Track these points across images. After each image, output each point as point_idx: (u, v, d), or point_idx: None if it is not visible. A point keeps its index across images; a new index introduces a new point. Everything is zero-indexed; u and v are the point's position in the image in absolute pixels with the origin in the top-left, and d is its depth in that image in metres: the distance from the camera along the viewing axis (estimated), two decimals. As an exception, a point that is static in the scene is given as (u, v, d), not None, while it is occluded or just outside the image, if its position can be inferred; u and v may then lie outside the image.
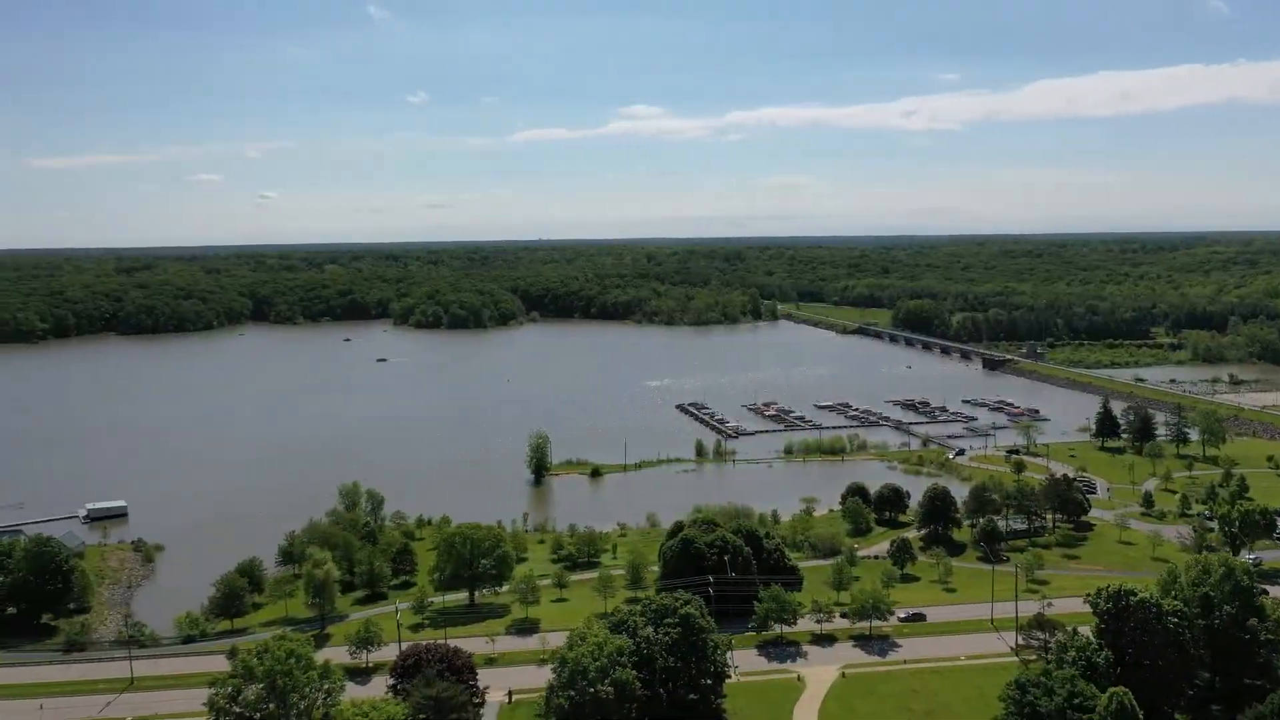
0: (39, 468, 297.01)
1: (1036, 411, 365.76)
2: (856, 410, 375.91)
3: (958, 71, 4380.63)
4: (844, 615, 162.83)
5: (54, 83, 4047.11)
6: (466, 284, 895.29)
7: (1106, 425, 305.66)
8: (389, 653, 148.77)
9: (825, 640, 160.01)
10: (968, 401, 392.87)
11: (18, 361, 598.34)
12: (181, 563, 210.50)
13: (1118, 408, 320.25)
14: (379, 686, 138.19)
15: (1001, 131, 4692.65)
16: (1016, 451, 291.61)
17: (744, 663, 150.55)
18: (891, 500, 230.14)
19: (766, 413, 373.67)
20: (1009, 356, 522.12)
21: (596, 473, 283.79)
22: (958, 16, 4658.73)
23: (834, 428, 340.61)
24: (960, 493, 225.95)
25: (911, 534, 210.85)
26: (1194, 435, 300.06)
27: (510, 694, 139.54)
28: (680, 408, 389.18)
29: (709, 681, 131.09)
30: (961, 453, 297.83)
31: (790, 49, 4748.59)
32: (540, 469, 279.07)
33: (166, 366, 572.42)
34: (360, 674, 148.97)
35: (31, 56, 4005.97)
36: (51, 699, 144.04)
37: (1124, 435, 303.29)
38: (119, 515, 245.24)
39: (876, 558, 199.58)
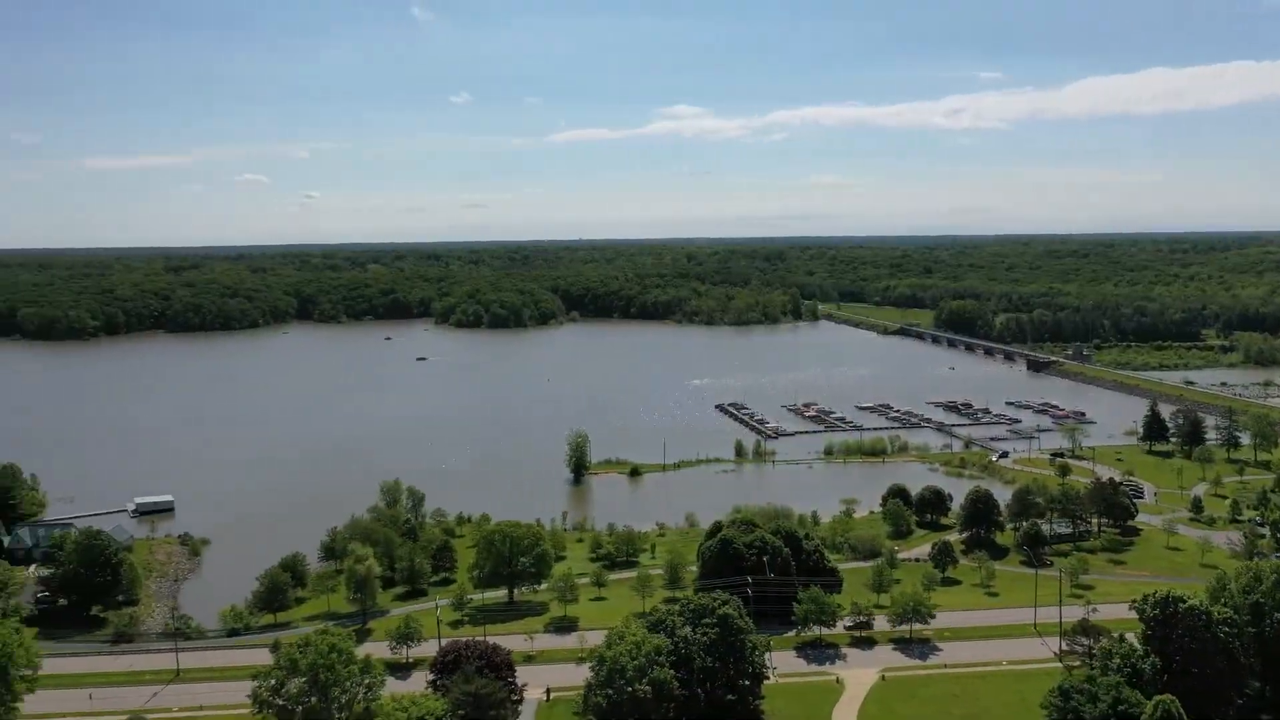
0: (89, 462, 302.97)
1: (1082, 414, 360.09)
2: (898, 411, 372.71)
3: (1001, 70, 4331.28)
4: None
5: (109, 86, 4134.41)
6: (507, 283, 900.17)
7: (1155, 428, 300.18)
8: (429, 649, 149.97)
9: (865, 643, 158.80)
10: (1011, 403, 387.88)
11: (70, 358, 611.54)
12: (226, 557, 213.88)
13: (1166, 411, 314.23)
14: (419, 682, 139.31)
15: (1047, 130, 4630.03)
16: (1061, 454, 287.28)
17: (782, 664, 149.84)
18: (933, 502, 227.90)
19: (807, 413, 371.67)
20: (1054, 358, 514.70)
21: (635, 472, 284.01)
22: (1001, 14, 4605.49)
23: (875, 429, 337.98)
24: (1003, 496, 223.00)
25: (953, 537, 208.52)
26: (1245, 439, 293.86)
27: (548, 692, 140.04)
28: (720, 408, 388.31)
29: (747, 682, 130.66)
30: (1005, 455, 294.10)
31: (832, 48, 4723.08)
32: (579, 468, 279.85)
33: (213, 364, 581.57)
34: (400, 669, 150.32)
35: (88, 61, 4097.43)
36: (100, 689, 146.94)
37: (1173, 439, 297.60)
38: (166, 510, 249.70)
39: (917, 560, 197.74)
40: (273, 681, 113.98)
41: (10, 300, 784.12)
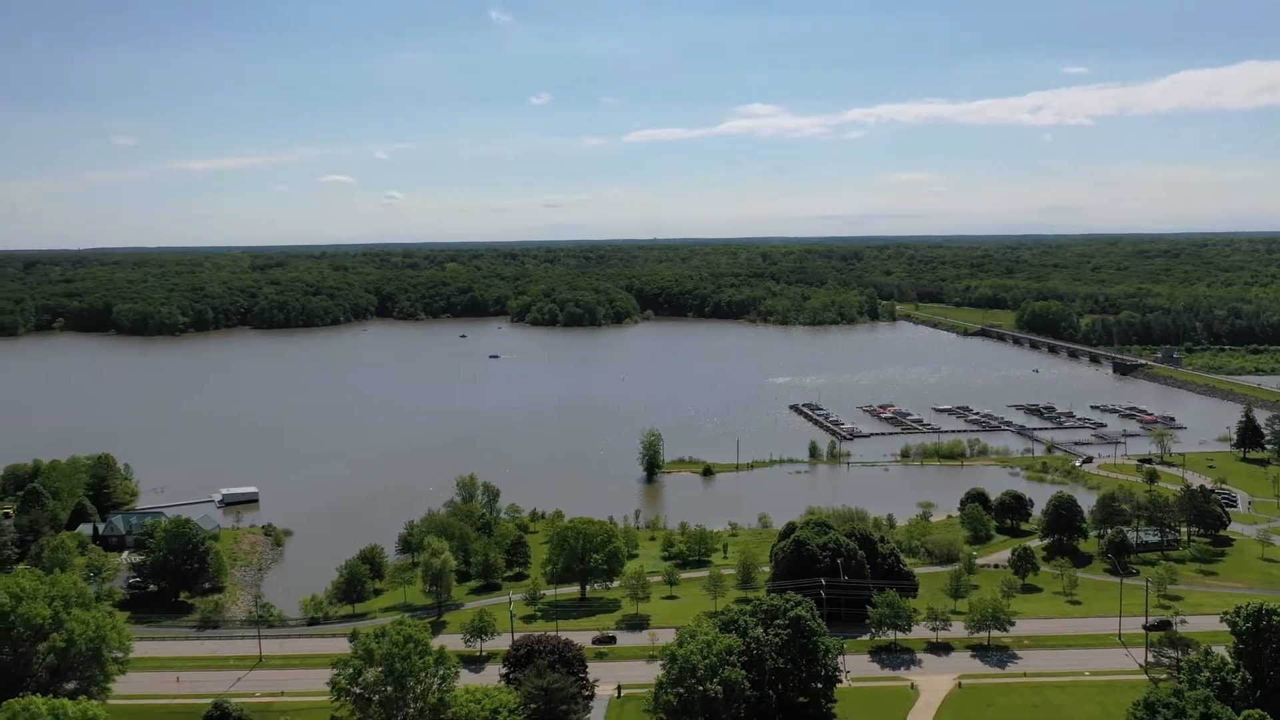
0: (178, 454, 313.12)
1: (1171, 419, 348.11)
2: (977, 414, 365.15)
3: (1087, 64, 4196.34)
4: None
5: (200, 91, 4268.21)
6: (582, 282, 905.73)
7: (1249, 435, 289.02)
8: (502, 642, 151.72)
9: (941, 649, 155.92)
10: (1096, 407, 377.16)
11: (161, 353, 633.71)
12: (307, 548, 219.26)
13: (1262, 417, 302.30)
14: (492, 675, 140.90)
15: (1135, 126, 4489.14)
16: (1149, 460, 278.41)
17: (856, 668, 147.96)
18: (1013, 507, 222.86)
19: (883, 415, 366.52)
20: (1142, 361, 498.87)
21: (708, 471, 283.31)
22: (1085, 8, 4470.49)
23: (953, 431, 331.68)
24: (1087, 502, 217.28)
25: (1034, 543, 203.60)
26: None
27: (619, 688, 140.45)
28: (794, 408, 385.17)
29: (819, 685, 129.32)
30: (1089, 460, 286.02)
31: (910, 44, 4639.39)
32: (652, 466, 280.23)
33: (296, 360, 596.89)
34: (474, 662, 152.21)
35: (181, 67, 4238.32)
36: (187, 672, 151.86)
37: (1269, 446, 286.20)
38: (251, 501, 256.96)
39: (996, 566, 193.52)
40: (350, 670, 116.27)
41: (107, 297, 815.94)
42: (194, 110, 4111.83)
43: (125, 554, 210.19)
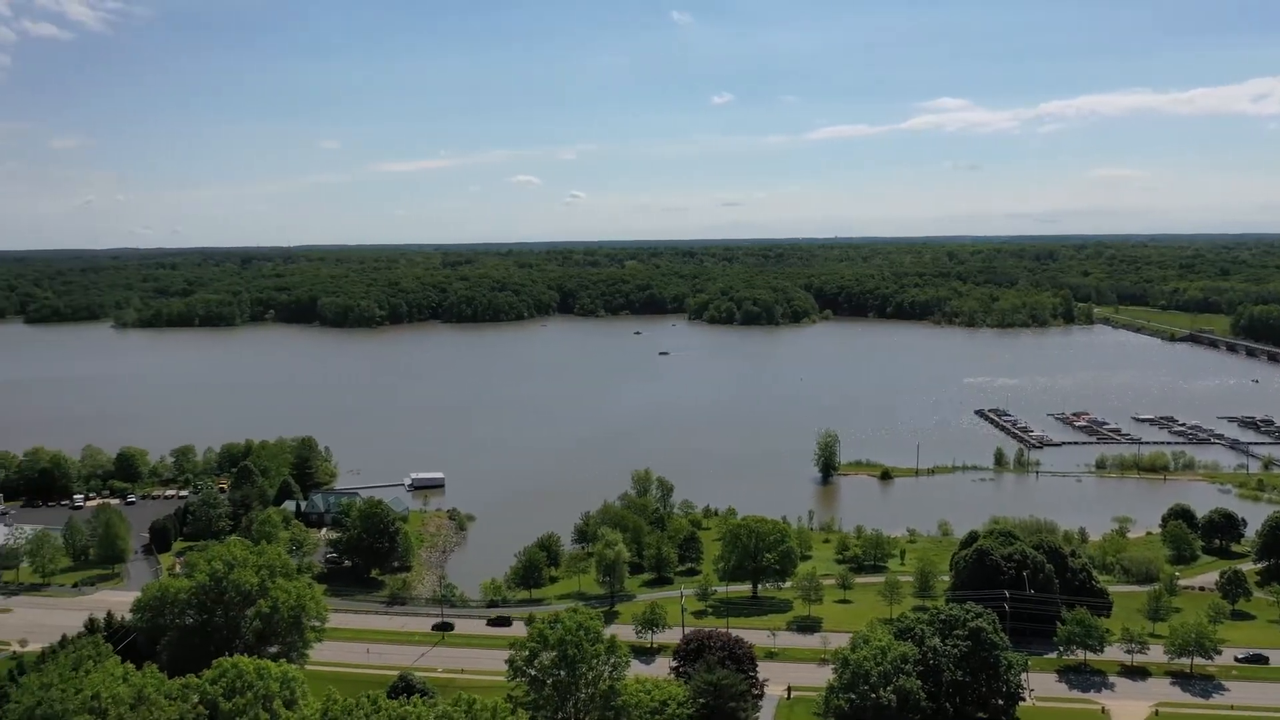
0: (372, 438, 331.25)
1: None
2: (1183, 425, 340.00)
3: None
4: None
5: (399, 95, 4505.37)
6: (760, 281, 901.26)
7: None
8: (672, 635, 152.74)
9: (1136, 673, 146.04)
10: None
11: (360, 344, 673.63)
12: (489, 533, 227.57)
13: None
14: (662, 667, 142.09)
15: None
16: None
17: (1041, 686, 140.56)
18: (1222, 527, 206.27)
19: (1077, 423, 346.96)
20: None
21: (886, 475, 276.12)
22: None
23: (1155, 443, 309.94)
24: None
25: (1247, 566, 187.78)
26: None
27: (789, 689, 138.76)
28: (979, 413, 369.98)
29: (1000, 701, 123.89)
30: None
31: (1111, 31, 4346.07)
32: (828, 468, 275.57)
33: (481, 353, 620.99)
34: (644, 653, 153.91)
35: (382, 73, 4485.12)
36: (376, 645, 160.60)
37: None
38: (437, 486, 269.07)
39: (1201, 589, 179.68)
40: (526, 653, 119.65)
41: (313, 291, 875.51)
42: (393, 115, 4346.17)
43: (323, 530, 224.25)
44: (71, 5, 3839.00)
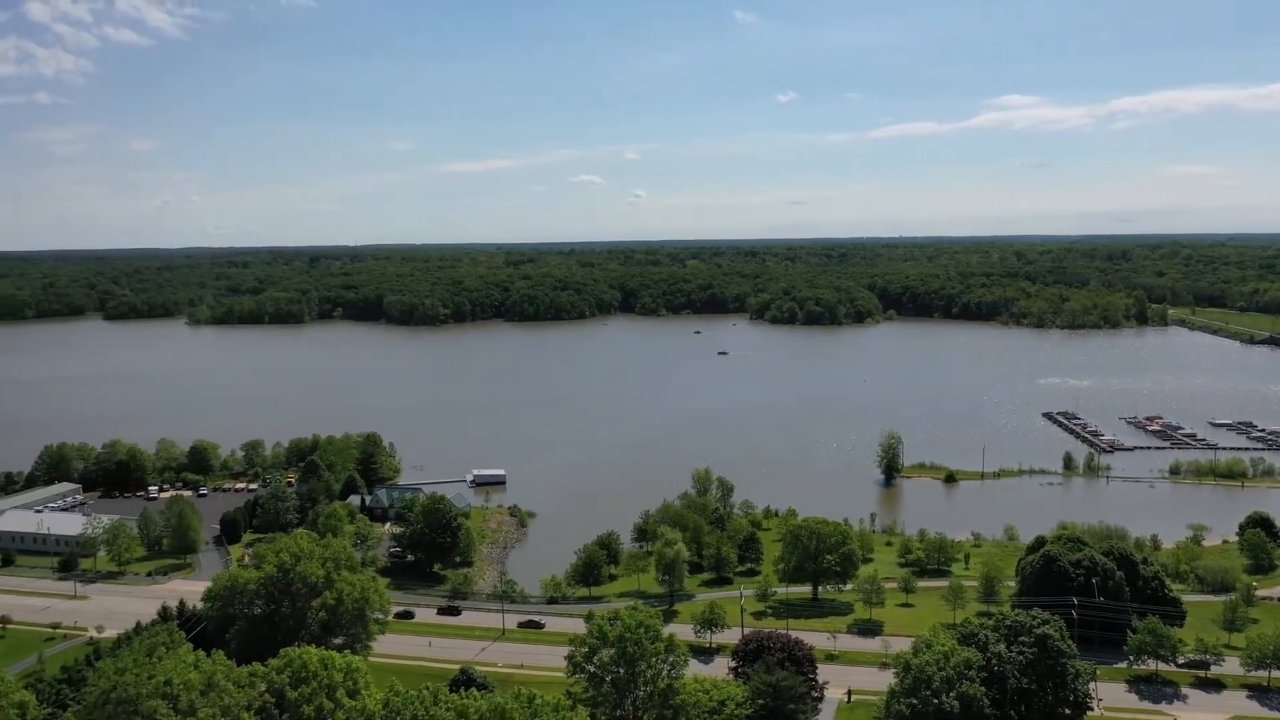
0: (435, 435, 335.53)
1: None
2: (1262, 431, 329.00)
3: None
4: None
5: (465, 97, 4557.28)
6: (823, 280, 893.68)
7: None
8: (731, 635, 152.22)
9: (1211, 685, 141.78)
10: None
11: (424, 341, 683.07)
12: (549, 530, 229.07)
13: None
14: (720, 667, 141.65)
15: None
16: None
17: (1110, 697, 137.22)
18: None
19: (1149, 427, 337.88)
20: None
21: (951, 478, 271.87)
22: None
23: (1233, 449, 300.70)
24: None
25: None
26: None
27: (849, 693, 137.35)
28: (1047, 416, 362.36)
29: (1067, 711, 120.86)
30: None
31: (1187, 25, 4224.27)
32: (891, 470, 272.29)
33: (543, 351, 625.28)
34: (703, 653, 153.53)
35: (449, 76, 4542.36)
36: (439, 639, 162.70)
37: None
38: (499, 483, 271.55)
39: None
40: (585, 649, 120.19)
41: (379, 290, 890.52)
42: (461, 116, 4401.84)
43: (387, 525, 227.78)
44: (151, 11, 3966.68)
